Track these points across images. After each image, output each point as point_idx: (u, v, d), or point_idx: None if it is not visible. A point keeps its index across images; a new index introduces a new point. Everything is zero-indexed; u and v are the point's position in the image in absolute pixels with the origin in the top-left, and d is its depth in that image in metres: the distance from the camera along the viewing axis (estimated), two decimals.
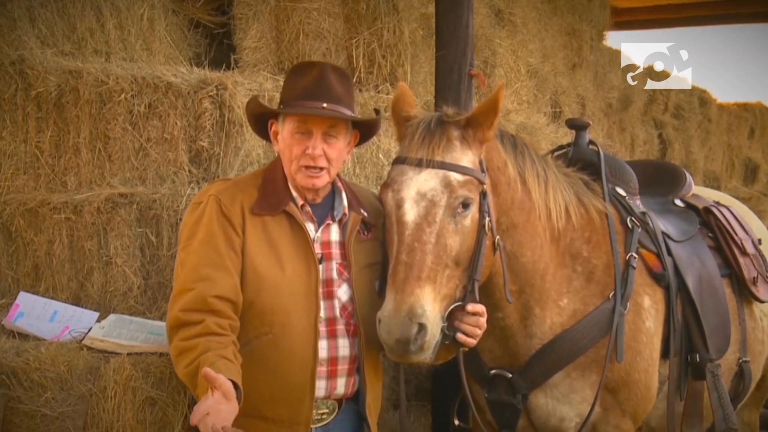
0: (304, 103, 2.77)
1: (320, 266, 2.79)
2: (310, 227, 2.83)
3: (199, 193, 2.94)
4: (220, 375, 2.36)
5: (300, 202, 2.85)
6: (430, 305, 2.62)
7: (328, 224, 2.88)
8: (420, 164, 2.75)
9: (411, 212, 2.71)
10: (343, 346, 2.80)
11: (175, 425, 3.05)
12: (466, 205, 2.74)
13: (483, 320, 2.77)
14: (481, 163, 2.83)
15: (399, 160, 2.83)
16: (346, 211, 2.90)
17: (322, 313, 2.77)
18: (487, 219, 2.79)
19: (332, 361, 2.78)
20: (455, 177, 2.74)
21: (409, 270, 2.63)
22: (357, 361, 2.82)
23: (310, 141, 2.78)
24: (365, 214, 2.94)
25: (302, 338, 2.73)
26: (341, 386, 2.81)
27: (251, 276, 2.73)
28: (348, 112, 2.83)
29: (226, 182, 2.92)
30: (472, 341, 2.77)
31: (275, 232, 2.78)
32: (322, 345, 2.76)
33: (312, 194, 2.86)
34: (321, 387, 2.77)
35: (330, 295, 2.81)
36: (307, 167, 2.79)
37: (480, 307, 2.77)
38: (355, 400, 2.87)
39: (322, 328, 2.77)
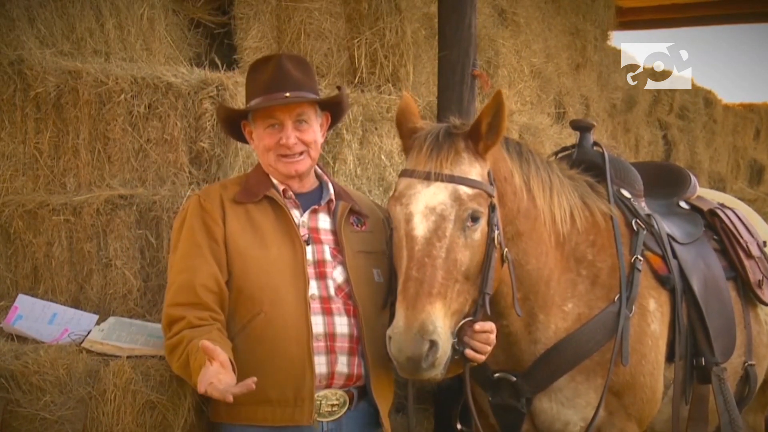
0: (267, 97, 2.84)
1: (309, 247, 2.84)
2: (295, 213, 2.88)
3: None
4: (217, 347, 2.46)
5: (281, 187, 2.91)
6: (441, 321, 2.59)
7: (315, 209, 2.91)
8: (428, 177, 2.72)
9: (420, 227, 2.68)
10: (341, 324, 2.81)
11: (175, 429, 3.03)
12: (475, 219, 2.72)
13: (493, 337, 2.76)
14: (489, 174, 2.81)
15: (406, 173, 2.80)
16: (333, 197, 2.94)
17: (315, 291, 2.80)
18: (497, 232, 2.76)
19: (330, 336, 2.79)
20: (464, 190, 2.72)
21: (420, 286, 2.60)
22: (360, 343, 2.82)
23: (283, 132, 2.84)
24: (356, 205, 2.97)
25: (294, 313, 2.75)
26: (343, 365, 2.80)
27: (237, 260, 2.78)
28: (311, 96, 2.88)
29: (213, 184, 3.01)
30: (482, 357, 2.76)
31: (258, 218, 2.83)
32: (318, 320, 2.78)
33: (296, 182, 2.92)
34: (321, 363, 2.77)
35: (323, 276, 2.84)
36: (285, 156, 2.85)
37: (489, 325, 2.75)
38: (367, 399, 2.86)
39: (317, 305, 2.79)
